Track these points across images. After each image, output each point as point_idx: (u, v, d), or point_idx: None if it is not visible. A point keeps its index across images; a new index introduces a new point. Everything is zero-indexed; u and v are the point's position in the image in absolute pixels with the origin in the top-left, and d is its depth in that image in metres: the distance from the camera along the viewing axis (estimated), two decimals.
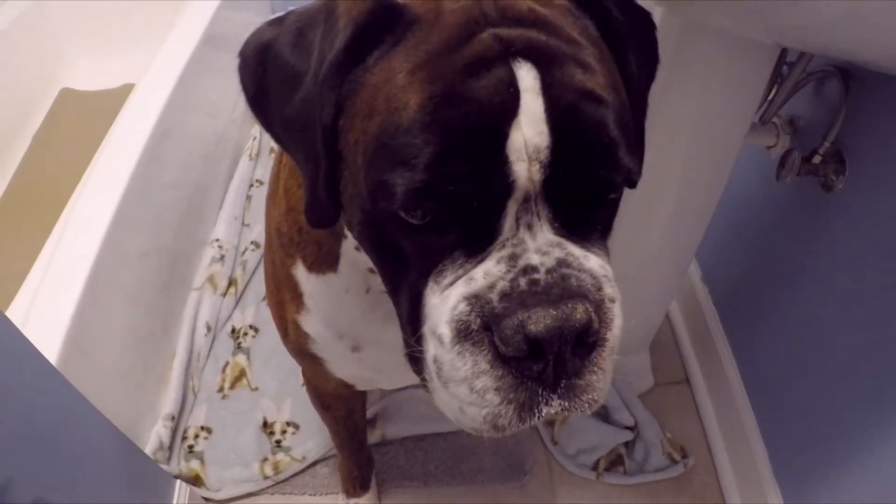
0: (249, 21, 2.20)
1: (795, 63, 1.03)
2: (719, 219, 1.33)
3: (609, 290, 0.49)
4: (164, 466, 1.32)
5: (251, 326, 1.58)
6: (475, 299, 0.47)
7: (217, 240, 1.72)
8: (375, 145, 0.47)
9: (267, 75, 0.54)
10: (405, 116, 0.45)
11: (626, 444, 1.43)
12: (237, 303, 1.63)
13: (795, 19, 0.67)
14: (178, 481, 1.22)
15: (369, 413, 1.41)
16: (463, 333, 0.47)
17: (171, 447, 1.37)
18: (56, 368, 0.94)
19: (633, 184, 0.60)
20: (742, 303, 1.40)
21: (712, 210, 1.18)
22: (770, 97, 1.08)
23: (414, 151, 0.45)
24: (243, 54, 0.55)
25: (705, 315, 1.50)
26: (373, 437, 1.41)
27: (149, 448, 1.33)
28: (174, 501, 1.19)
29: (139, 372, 1.39)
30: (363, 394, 1.13)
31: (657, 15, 0.91)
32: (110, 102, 1.68)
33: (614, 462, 1.41)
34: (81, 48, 2.20)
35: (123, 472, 1.08)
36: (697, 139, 1.06)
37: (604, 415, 1.45)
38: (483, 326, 0.47)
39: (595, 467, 1.40)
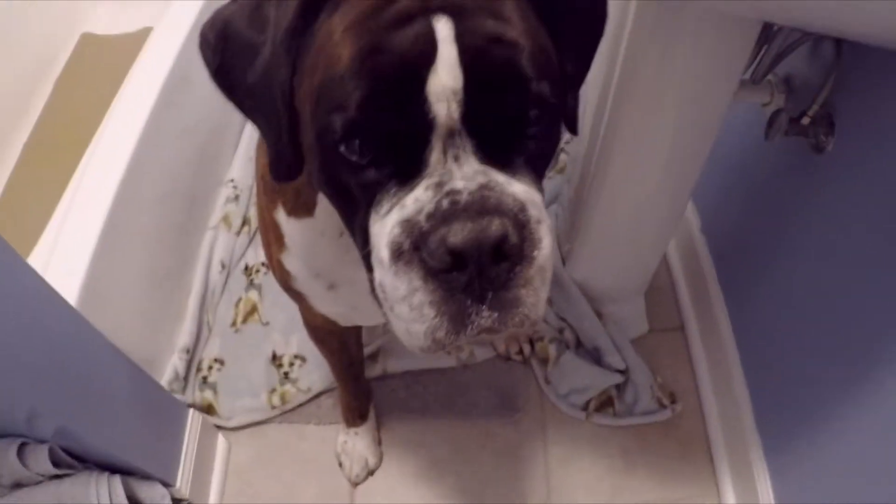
0: None
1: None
2: (719, 171, 1.33)
3: (533, 211, 0.53)
4: (179, 396, 1.42)
5: (263, 264, 1.65)
6: (406, 223, 0.52)
7: (232, 180, 1.78)
8: (317, 95, 0.54)
9: (227, 50, 0.60)
10: (339, 68, 0.52)
11: (617, 387, 1.47)
12: (250, 241, 1.70)
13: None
14: (192, 410, 1.32)
15: (371, 348, 1.49)
16: (397, 254, 0.53)
17: (186, 378, 1.47)
18: (74, 308, 1.02)
19: (572, 128, 0.66)
20: (738, 256, 1.41)
21: (703, 160, 1.17)
22: (760, 56, 1.07)
23: (346, 96, 0.51)
24: (203, 33, 0.61)
25: (702, 265, 1.51)
26: (374, 371, 1.49)
27: (165, 379, 1.43)
28: (188, 429, 1.29)
29: (157, 308, 1.48)
30: (356, 329, 1.20)
31: None
32: (130, 46, 1.71)
33: (604, 403, 1.46)
34: None
35: (140, 402, 1.16)
36: (685, 93, 1.05)
37: (596, 357, 1.50)
38: (413, 247, 0.52)
39: (585, 407, 1.46)
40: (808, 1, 0.64)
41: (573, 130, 0.67)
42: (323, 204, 0.75)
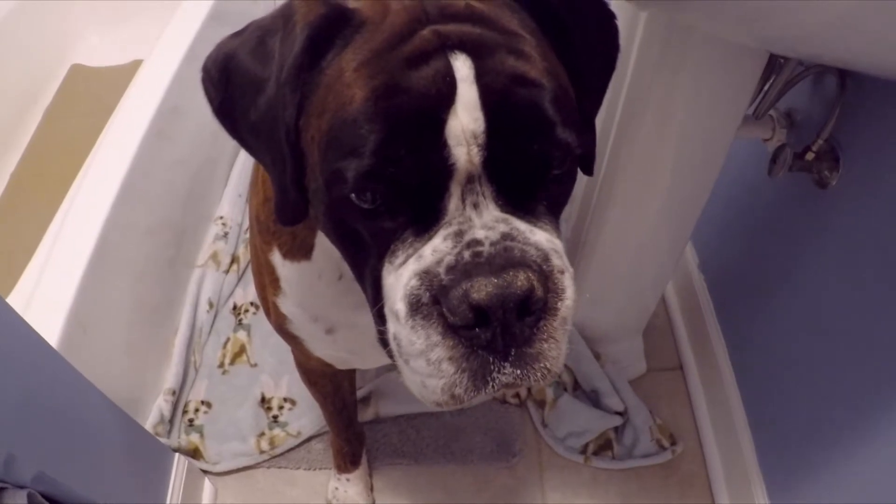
0: None
1: (789, 58, 1.02)
2: (717, 208, 1.33)
3: (557, 261, 0.51)
4: (164, 440, 1.37)
5: (252, 303, 1.61)
6: (425, 275, 0.50)
7: (221, 217, 1.75)
8: (327, 139, 0.51)
9: (231, 85, 0.57)
10: (351, 110, 0.49)
11: (616, 429, 1.45)
12: (239, 280, 1.67)
13: (783, 29, 0.66)
14: (177, 455, 1.26)
15: (364, 391, 1.45)
16: (414, 307, 0.50)
17: (171, 421, 1.42)
18: (54, 349, 0.98)
19: (587, 169, 0.64)
20: (737, 294, 1.40)
21: (705, 199, 1.18)
22: (765, 90, 1.07)
23: (360, 140, 0.48)
24: (206, 68, 0.58)
25: (700, 304, 1.50)
26: (366, 414, 1.44)
27: (150, 421, 1.38)
28: (173, 473, 1.23)
29: (142, 347, 1.43)
30: (350, 372, 1.17)
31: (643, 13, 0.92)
32: (120, 78, 1.71)
33: (603, 446, 1.43)
34: (92, 24, 2.21)
35: (123, 446, 1.12)
36: (689, 131, 1.05)
37: (594, 399, 1.47)
38: (432, 300, 0.50)
39: (584, 451, 1.43)
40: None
41: (588, 171, 0.64)
42: (321, 247, 0.72)
